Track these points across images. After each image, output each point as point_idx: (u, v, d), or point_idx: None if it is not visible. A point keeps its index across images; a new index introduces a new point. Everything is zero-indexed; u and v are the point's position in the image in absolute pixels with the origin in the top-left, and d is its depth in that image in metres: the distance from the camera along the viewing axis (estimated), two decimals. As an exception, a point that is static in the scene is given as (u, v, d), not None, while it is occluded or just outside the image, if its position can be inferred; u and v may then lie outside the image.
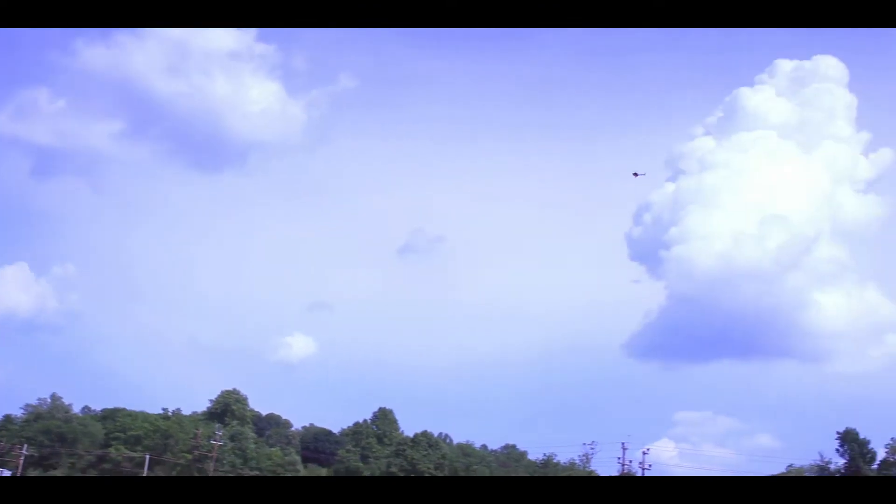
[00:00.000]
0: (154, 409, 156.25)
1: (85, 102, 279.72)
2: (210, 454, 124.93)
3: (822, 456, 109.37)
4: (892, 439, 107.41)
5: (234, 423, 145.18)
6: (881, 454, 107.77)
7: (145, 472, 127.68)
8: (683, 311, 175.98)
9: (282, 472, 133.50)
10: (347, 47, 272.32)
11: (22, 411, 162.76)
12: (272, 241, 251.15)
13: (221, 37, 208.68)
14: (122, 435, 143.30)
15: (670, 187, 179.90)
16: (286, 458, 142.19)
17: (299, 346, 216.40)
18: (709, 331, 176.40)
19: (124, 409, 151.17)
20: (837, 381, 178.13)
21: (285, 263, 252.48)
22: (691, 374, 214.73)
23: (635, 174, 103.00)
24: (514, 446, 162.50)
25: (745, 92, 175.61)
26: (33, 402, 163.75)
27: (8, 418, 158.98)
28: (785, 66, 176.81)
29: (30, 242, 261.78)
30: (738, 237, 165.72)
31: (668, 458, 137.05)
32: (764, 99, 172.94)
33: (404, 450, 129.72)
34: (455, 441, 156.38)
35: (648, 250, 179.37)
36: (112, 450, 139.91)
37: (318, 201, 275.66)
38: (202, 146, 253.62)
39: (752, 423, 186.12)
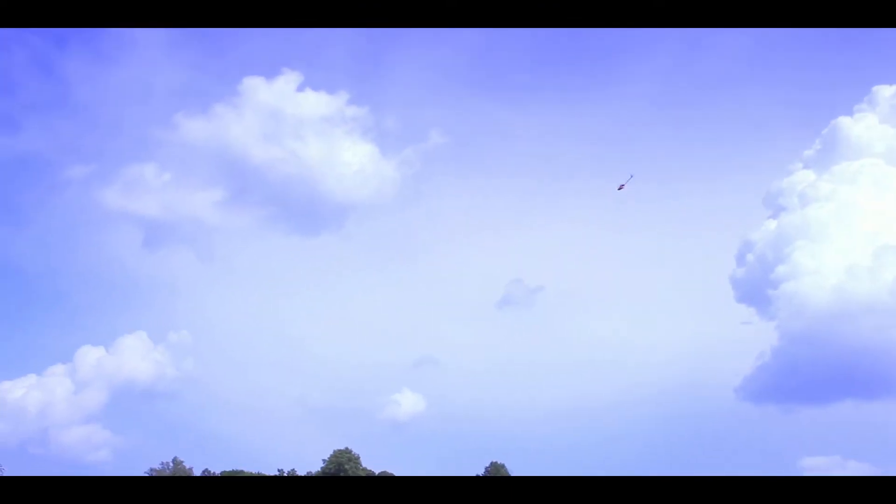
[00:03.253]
0: (270, 470, 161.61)
1: (188, 174, 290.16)
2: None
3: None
4: None
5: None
6: None
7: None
8: (799, 350, 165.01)
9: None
10: (436, 103, 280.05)
11: (146, 475, 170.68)
12: (374, 300, 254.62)
13: (314, 102, 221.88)
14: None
15: (772, 224, 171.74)
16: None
17: (408, 402, 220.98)
18: (828, 370, 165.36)
19: (242, 472, 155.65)
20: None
21: (388, 321, 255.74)
22: (813, 416, 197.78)
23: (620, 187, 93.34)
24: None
25: (845, 121, 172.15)
26: (157, 466, 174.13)
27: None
28: (885, 91, 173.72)
29: (147, 312, 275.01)
30: (852, 270, 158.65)
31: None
32: (866, 127, 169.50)
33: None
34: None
35: (755, 291, 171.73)
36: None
37: (416, 258, 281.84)
38: (301, 210, 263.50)
39: (889, 467, 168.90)
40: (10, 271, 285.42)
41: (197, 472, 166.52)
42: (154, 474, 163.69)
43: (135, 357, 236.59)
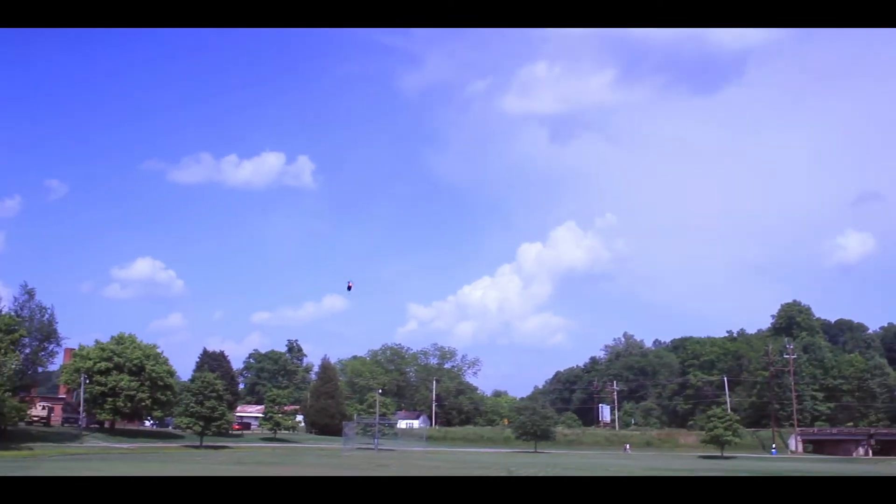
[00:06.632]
0: (719, 332, 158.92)
1: (576, 62, 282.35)
2: (786, 369, 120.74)
3: None
4: None
5: (803, 334, 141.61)
6: None
7: (726, 394, 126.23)
8: None
9: (868, 378, 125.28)
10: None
11: (603, 352, 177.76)
12: (793, 146, 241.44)
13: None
14: (695, 361, 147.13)
15: None
16: (869, 362, 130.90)
17: (853, 244, 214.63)
18: None
19: (692, 338, 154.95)
20: None
21: (813, 164, 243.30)
22: None
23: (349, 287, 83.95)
24: None
25: None
26: (609, 342, 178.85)
27: (594, 360, 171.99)
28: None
29: (570, 202, 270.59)
30: None
31: None
32: None
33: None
34: None
35: None
36: (690, 376, 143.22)
37: (836, 92, 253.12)
38: (694, 69, 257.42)
39: None
40: (445, 189, 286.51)
41: (648, 344, 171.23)
42: (609, 350, 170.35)
43: (569, 246, 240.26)
